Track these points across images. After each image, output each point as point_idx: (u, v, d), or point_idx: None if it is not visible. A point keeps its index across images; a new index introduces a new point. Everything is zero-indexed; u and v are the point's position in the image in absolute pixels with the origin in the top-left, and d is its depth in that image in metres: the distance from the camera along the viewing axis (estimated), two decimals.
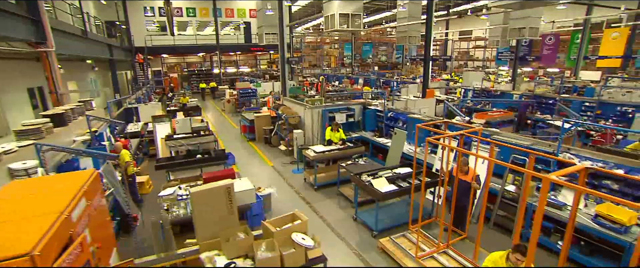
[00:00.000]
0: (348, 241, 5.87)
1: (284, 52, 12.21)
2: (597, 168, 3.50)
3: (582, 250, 4.98)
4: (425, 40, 14.57)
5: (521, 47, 25.97)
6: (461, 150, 4.87)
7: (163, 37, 24.05)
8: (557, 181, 2.87)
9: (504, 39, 19.67)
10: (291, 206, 7.23)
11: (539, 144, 5.87)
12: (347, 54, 29.87)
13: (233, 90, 19.01)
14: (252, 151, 11.50)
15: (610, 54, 19.87)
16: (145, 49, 21.02)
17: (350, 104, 10.45)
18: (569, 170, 3.29)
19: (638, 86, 12.80)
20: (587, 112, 11.09)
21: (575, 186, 2.84)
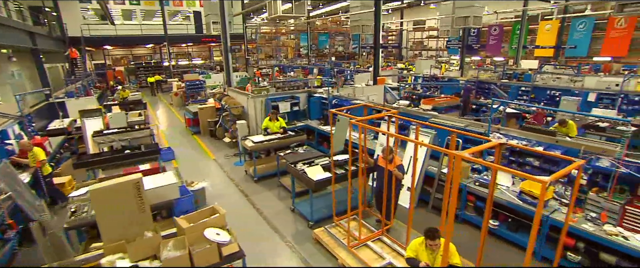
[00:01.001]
0: (283, 233, 5.60)
1: (227, 41, 11.59)
2: (511, 143, 3.46)
3: (509, 227, 5.08)
4: (374, 29, 14.55)
5: (470, 37, 27.10)
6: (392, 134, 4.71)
7: (104, 27, 22.19)
8: (468, 158, 2.75)
9: (453, 28, 20.25)
10: (228, 200, 6.86)
11: (473, 125, 5.91)
12: (303, 45, 29.45)
13: (181, 83, 17.96)
14: (195, 145, 10.87)
15: (545, 44, 21.30)
16: (82, 39, 19.19)
17: (295, 92, 10.12)
18: (483, 147, 3.21)
19: (566, 72, 13.70)
20: (523, 96, 11.63)
21: (487, 163, 2.73)
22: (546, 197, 4.53)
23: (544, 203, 4.43)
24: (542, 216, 4.37)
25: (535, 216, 2.37)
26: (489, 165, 2.82)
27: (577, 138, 6.76)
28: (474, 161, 2.69)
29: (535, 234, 2.40)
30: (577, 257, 4.24)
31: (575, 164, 2.56)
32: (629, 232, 3.99)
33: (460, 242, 5.17)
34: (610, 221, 4.19)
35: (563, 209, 4.56)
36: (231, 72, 12.18)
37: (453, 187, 2.88)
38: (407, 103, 7.52)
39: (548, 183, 2.22)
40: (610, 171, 4.14)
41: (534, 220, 2.40)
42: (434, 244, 3.41)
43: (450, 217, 2.99)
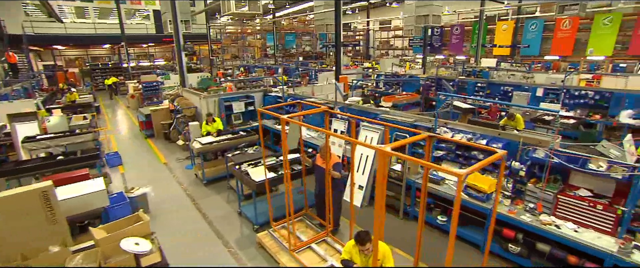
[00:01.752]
0: (227, 238, 5.29)
1: (180, 40, 11.10)
2: (440, 136, 3.36)
3: (458, 222, 5.02)
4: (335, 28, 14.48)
5: (433, 36, 27.75)
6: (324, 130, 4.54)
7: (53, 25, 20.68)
8: (390, 153, 2.58)
9: (416, 27, 20.66)
10: (173, 205, 6.45)
11: (422, 120, 5.86)
12: (269, 45, 29.00)
13: (138, 84, 17.05)
14: (147, 149, 10.26)
15: (502, 43, 22.26)
16: (23, 37, 17.75)
17: (250, 92, 9.80)
18: (410, 140, 3.08)
19: (519, 70, 14.27)
20: (479, 92, 11.92)
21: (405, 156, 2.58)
22: (490, 190, 4.51)
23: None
24: (484, 209, 4.37)
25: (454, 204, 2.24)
26: (404, 158, 2.67)
27: (525, 130, 6.92)
28: (396, 155, 2.53)
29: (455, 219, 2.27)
30: (517, 248, 4.24)
31: (496, 156, 2.47)
32: (561, 221, 4.03)
33: (409, 239, 5.12)
34: (545, 211, 4.22)
35: (506, 201, 4.56)
36: (185, 72, 11.65)
37: (382, 183, 2.71)
38: (358, 100, 7.40)
39: (464, 176, 2.09)
40: (544, 162, 4.17)
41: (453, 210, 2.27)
42: (365, 249, 3.23)
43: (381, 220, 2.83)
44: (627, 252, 3.43)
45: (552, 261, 3.99)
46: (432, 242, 5.02)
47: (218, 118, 8.21)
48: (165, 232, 5.57)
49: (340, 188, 4.95)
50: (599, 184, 3.99)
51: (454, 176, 5.00)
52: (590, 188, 4.08)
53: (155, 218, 6.04)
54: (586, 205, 3.87)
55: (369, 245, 3.19)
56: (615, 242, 3.61)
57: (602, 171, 3.74)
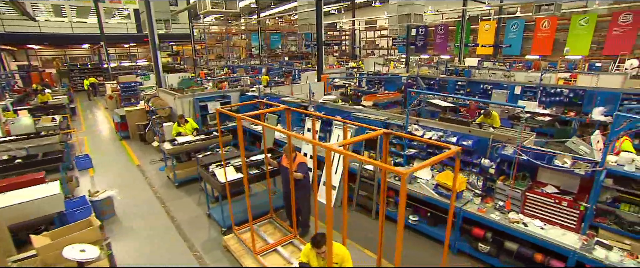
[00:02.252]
0: (193, 241, 5.09)
1: (155, 39, 10.80)
2: (395, 132, 3.25)
3: (429, 222, 4.94)
4: (317, 27, 14.42)
5: (418, 36, 27.95)
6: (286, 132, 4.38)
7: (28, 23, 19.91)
8: (336, 150, 2.45)
9: (401, 27, 20.77)
10: (141, 209, 6.21)
11: (394, 118, 5.76)
12: (254, 45, 28.73)
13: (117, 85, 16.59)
14: (121, 150, 9.93)
15: (485, 43, 22.58)
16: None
17: (226, 91, 9.58)
18: (366, 136, 2.95)
19: (500, 68, 14.40)
20: (460, 90, 11.96)
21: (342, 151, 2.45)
22: (460, 188, 4.43)
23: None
24: (455, 208, 4.27)
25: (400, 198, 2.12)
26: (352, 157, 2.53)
27: (502, 128, 6.91)
28: (341, 153, 2.39)
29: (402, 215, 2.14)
30: (486, 247, 4.16)
31: (449, 152, 2.36)
32: (529, 219, 3.97)
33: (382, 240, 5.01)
34: (514, 209, 4.16)
35: (476, 200, 4.49)
36: (161, 72, 11.35)
37: (329, 182, 2.57)
38: (334, 98, 7.28)
39: (407, 175, 1.97)
40: (513, 159, 4.10)
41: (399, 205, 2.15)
42: (321, 252, 3.10)
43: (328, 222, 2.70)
44: (589, 249, 3.38)
45: (520, 259, 3.92)
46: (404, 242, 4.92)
47: (191, 119, 7.98)
48: (129, 237, 5.35)
49: (306, 190, 4.80)
50: (565, 180, 3.95)
51: (425, 176, 4.94)
52: (557, 185, 4.03)
53: (121, 222, 5.80)
54: (552, 201, 3.82)
55: (324, 248, 3.05)
56: (579, 239, 3.56)
57: (566, 168, 3.69)
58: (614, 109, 8.97)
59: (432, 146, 5.12)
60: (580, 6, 19.26)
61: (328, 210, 2.65)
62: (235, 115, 3.77)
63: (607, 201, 3.58)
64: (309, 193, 4.92)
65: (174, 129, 7.84)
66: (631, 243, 3.38)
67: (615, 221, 3.59)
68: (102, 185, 7.05)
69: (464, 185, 4.49)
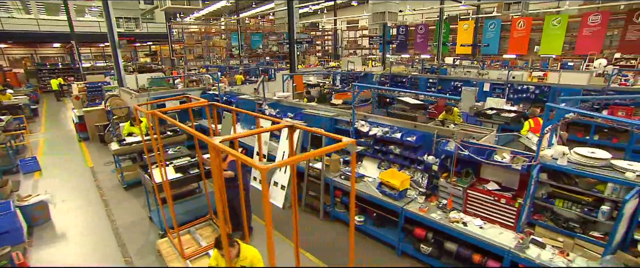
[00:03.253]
0: (129, 246, 4.79)
1: (115, 36, 10.41)
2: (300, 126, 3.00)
3: (374, 223, 4.73)
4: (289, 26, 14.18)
5: (399, 36, 27.99)
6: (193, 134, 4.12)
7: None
8: (220, 147, 2.19)
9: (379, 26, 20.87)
10: (80, 212, 5.87)
11: (343, 115, 5.54)
12: (234, 45, 28.29)
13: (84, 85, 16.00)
14: (77, 152, 9.46)
15: (464, 42, 22.77)
16: None
17: (187, 90, 9.25)
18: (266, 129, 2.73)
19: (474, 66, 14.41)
20: (431, 88, 11.89)
21: (222, 147, 2.20)
22: (402, 187, 4.22)
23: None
24: (397, 207, 4.08)
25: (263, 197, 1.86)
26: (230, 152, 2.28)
27: (463, 124, 6.80)
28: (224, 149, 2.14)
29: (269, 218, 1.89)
30: (428, 248, 3.97)
31: (342, 144, 2.13)
32: (470, 217, 3.79)
33: (326, 242, 4.78)
34: (457, 208, 3.98)
35: (420, 198, 4.30)
36: (121, 70, 10.94)
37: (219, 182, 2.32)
38: (287, 95, 7.06)
39: (267, 170, 1.73)
40: (454, 154, 3.93)
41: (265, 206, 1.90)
42: (223, 254, 2.87)
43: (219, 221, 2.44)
44: (523, 247, 3.21)
45: (459, 260, 3.74)
46: (345, 242, 4.69)
47: (144, 118, 7.62)
48: (59, 243, 4.99)
49: (239, 189, 4.54)
50: (506, 176, 3.79)
51: (372, 174, 4.73)
52: (499, 182, 3.87)
53: (54, 227, 5.42)
54: (492, 199, 3.65)
55: (230, 250, 2.82)
56: (515, 237, 3.40)
57: (504, 162, 3.52)
58: (576, 105, 9.03)
59: (378, 143, 4.92)
60: (553, 7, 19.58)
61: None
62: (154, 112, 3.48)
63: (543, 198, 3.43)
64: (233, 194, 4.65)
65: (125, 129, 7.51)
66: (564, 240, 3.23)
67: (552, 217, 3.45)
68: (47, 189, 6.64)
69: (408, 183, 4.29)
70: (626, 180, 2.90)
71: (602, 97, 8.00)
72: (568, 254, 3.13)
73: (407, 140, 4.41)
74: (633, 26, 16.01)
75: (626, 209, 2.64)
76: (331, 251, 4.58)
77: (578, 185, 3.21)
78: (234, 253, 2.95)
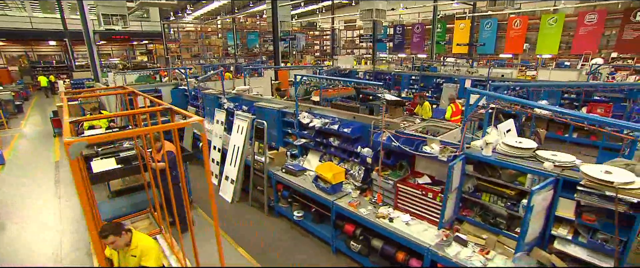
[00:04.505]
0: (64, 239, 4.67)
1: (90, 32, 10.36)
2: (178, 110, 2.83)
3: (314, 218, 4.51)
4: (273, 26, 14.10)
5: (396, 35, 27.74)
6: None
7: None
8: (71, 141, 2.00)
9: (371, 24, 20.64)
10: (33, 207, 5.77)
11: (290, 107, 5.32)
12: (230, 44, 28.30)
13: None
14: (48, 147, 9.39)
15: (460, 41, 22.51)
16: None
17: (159, 85, 9.16)
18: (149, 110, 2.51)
19: (464, 64, 14.15)
20: (413, 85, 11.64)
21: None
22: (335, 180, 3.99)
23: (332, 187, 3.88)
24: (328, 202, 3.87)
25: None
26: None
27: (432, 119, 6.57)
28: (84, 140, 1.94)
29: None
30: (357, 245, 3.73)
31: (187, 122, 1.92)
32: (399, 213, 3.54)
33: (268, 239, 4.56)
34: (388, 203, 3.74)
35: (355, 193, 4.07)
36: (97, 66, 10.88)
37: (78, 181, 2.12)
38: (246, 89, 6.86)
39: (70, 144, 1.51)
40: (387, 146, 3.68)
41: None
42: (109, 242, 2.70)
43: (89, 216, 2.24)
44: (444, 245, 2.96)
45: (385, 258, 3.50)
46: (284, 239, 4.49)
47: (106, 111, 7.52)
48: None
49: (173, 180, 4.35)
50: (438, 169, 3.54)
51: (314, 167, 4.50)
52: (432, 175, 3.62)
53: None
54: (419, 193, 3.40)
55: (113, 239, 2.67)
56: (438, 234, 3.15)
57: (432, 153, 3.28)
58: (557, 103, 8.70)
59: (320, 135, 4.69)
60: (550, 6, 19.18)
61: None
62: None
63: (470, 191, 3.18)
64: (177, 184, 4.46)
65: (86, 123, 7.38)
66: (488, 237, 2.98)
67: (481, 213, 3.19)
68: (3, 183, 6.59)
69: (342, 177, 4.06)
70: (543, 171, 2.64)
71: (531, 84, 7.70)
72: (489, 252, 2.87)
73: (344, 131, 4.17)
74: (630, 25, 15.57)
75: (535, 201, 2.38)
76: (268, 249, 4.37)
77: (501, 178, 2.95)
78: (123, 242, 2.79)
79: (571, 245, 2.58)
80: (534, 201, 2.39)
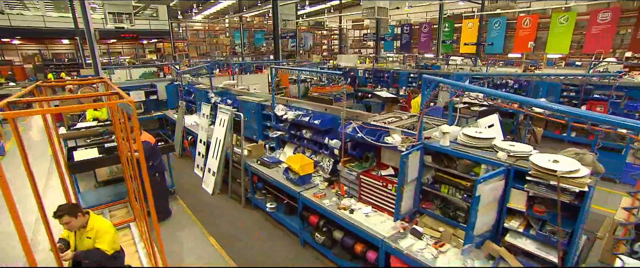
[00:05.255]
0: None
1: (91, 29, 10.59)
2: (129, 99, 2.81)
3: (285, 210, 4.49)
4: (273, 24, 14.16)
5: (403, 35, 27.54)
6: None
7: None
8: None
9: (384, 26, 20.77)
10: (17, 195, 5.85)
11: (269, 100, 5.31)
12: (238, 43, 28.56)
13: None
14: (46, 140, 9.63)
15: (468, 41, 22.17)
16: None
17: (155, 81, 9.29)
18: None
19: (469, 63, 13.92)
20: (412, 83, 11.51)
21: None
22: (304, 171, 3.96)
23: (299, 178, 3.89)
24: (296, 193, 3.85)
25: None
26: None
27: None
28: None
29: None
30: (321, 237, 3.69)
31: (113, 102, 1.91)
32: (362, 205, 3.49)
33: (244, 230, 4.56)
34: (353, 194, 3.68)
35: (323, 185, 4.03)
36: (98, 63, 11.10)
37: None
38: (232, 83, 6.91)
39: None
40: (353, 137, 3.63)
41: None
42: (64, 223, 2.76)
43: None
44: (398, 237, 2.90)
45: (346, 250, 3.45)
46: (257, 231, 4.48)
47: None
48: None
49: (150, 171, 4.40)
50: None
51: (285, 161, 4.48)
52: (397, 167, 3.54)
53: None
54: (381, 185, 3.34)
55: (67, 219, 2.73)
56: (397, 226, 3.08)
57: (391, 144, 3.21)
58: (556, 100, 8.43)
59: (294, 127, 4.66)
60: (561, 4, 18.67)
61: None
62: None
63: (429, 183, 3.10)
64: (155, 174, 4.50)
65: (89, 114, 7.58)
66: (444, 230, 2.89)
67: (441, 205, 3.11)
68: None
69: (310, 168, 4.02)
70: (496, 161, 2.55)
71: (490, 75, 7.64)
72: (444, 245, 2.79)
73: (314, 123, 4.13)
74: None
75: (481, 191, 2.30)
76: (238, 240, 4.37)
77: (458, 168, 2.87)
78: (79, 223, 2.85)
79: (522, 238, 2.48)
80: (480, 191, 2.31)
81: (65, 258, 2.88)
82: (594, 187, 2.20)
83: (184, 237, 4.46)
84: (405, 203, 3.01)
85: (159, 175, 4.56)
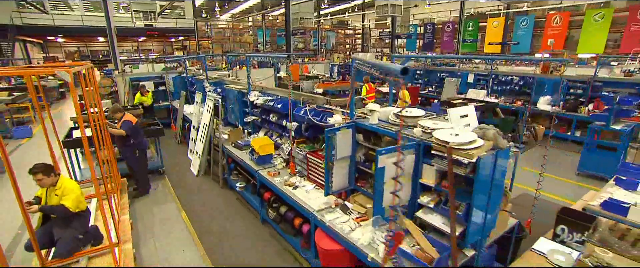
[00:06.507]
0: None
1: (111, 27, 11.45)
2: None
3: (252, 190, 4.69)
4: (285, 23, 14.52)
5: (426, 34, 27.06)
6: None
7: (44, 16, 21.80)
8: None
9: (404, 25, 20.62)
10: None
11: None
12: (261, 41, 29.32)
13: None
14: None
15: (494, 40, 21.40)
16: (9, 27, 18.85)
17: (165, 73, 9.87)
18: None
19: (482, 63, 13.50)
20: (418, 79, 11.37)
21: None
22: (263, 152, 4.14)
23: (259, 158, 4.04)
24: (255, 172, 4.04)
25: None
26: None
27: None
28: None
29: None
30: (273, 212, 3.86)
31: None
32: (308, 182, 3.62)
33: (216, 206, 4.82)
34: (303, 173, 3.82)
35: (280, 165, 4.20)
36: (118, 58, 11.93)
37: None
38: (224, 74, 7.24)
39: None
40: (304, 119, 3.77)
41: None
42: (37, 179, 3.10)
43: None
44: (324, 211, 3.01)
45: (290, 225, 3.59)
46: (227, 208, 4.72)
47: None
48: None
49: (131, 148, 4.78)
50: None
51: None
52: None
53: None
54: (321, 163, 3.45)
55: (40, 176, 3.09)
56: (329, 201, 3.19)
57: (331, 124, 3.31)
58: (561, 98, 8.03)
59: (265, 112, 4.85)
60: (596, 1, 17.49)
61: None
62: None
63: (361, 161, 3.17)
64: (136, 151, 4.86)
65: (136, 99, 8.35)
66: (370, 207, 2.96)
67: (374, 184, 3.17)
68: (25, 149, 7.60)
69: (271, 149, 4.20)
70: (410, 136, 2.59)
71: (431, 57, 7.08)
72: (366, 219, 2.87)
73: (277, 107, 4.32)
74: None
75: (384, 163, 2.36)
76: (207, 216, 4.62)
77: (382, 146, 2.93)
78: (50, 182, 3.18)
79: (433, 214, 2.52)
80: (383, 162, 2.38)
81: (31, 211, 3.22)
82: (494, 161, 2.21)
83: (159, 210, 4.79)
84: (337, 180, 3.11)
85: (139, 152, 4.92)
